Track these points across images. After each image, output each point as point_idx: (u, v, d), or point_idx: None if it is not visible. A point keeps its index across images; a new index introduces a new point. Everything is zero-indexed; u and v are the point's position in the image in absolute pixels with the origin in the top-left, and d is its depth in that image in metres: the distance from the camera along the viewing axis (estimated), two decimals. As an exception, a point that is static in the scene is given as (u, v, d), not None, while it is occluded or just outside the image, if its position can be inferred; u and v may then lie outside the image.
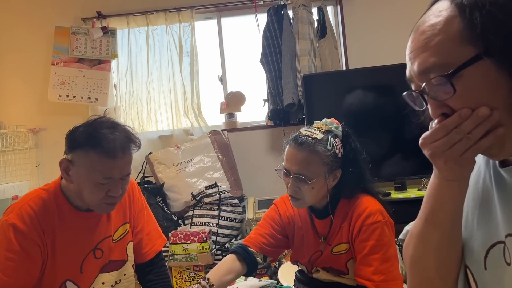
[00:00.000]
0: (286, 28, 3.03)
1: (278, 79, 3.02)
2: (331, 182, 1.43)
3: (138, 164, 3.17)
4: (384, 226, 1.37)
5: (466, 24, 0.62)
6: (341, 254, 1.45)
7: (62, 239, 1.30)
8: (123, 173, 1.28)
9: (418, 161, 2.80)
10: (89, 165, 1.24)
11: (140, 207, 1.51)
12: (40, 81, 3.28)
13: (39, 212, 1.27)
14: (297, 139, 1.41)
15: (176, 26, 3.24)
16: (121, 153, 1.25)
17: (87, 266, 1.34)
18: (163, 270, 1.56)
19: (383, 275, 1.34)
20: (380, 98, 2.83)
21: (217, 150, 3.03)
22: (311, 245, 1.52)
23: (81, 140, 1.25)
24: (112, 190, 1.26)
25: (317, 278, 1.52)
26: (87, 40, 3.20)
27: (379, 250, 1.35)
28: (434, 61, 0.65)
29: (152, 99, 3.28)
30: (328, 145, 1.40)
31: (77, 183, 1.27)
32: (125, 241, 1.44)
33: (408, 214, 2.55)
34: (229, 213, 2.83)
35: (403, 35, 3.23)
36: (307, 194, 1.40)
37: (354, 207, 1.42)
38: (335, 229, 1.47)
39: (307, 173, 1.38)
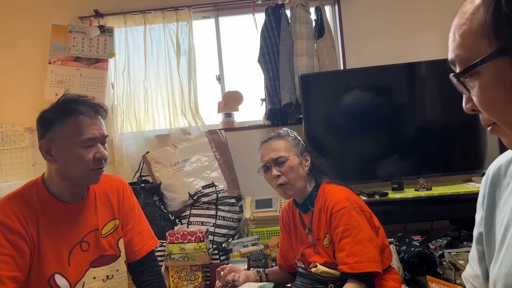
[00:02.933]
0: (284, 27, 3.03)
1: (275, 79, 3.01)
2: (304, 163, 1.64)
3: (136, 163, 3.17)
4: (352, 211, 1.47)
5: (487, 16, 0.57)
6: (329, 247, 1.54)
7: (47, 230, 1.31)
8: (102, 133, 1.34)
9: (416, 161, 2.81)
10: (71, 132, 1.28)
11: (131, 206, 1.53)
12: (37, 80, 3.27)
13: (21, 206, 1.28)
14: (264, 139, 1.70)
15: (173, 25, 3.23)
16: (95, 113, 1.33)
17: (74, 259, 1.34)
18: (156, 270, 1.55)
19: (356, 256, 1.41)
20: (378, 98, 2.83)
21: (214, 150, 3.02)
22: (303, 239, 1.66)
23: (55, 116, 1.30)
24: (98, 151, 1.31)
25: (315, 272, 1.57)
26: (84, 39, 3.18)
27: (349, 234, 1.45)
28: (458, 54, 0.62)
29: (150, 98, 3.27)
30: (290, 134, 1.69)
31: (62, 159, 1.30)
32: (115, 236, 1.45)
33: (405, 214, 2.58)
34: (226, 212, 2.82)
35: (400, 35, 3.26)
36: (289, 173, 1.59)
37: (325, 198, 1.56)
38: (315, 219, 1.59)
39: (282, 153, 1.61)
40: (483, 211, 0.79)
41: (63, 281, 1.31)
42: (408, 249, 2.12)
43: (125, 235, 1.48)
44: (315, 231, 1.59)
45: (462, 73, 0.61)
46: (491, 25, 0.57)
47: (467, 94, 0.64)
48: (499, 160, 0.79)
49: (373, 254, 1.43)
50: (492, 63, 0.57)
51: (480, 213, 0.81)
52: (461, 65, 0.62)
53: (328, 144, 2.85)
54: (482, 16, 0.58)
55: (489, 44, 0.57)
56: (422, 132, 2.81)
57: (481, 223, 0.80)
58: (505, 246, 0.70)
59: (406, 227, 2.84)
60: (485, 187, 0.80)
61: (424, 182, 2.64)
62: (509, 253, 0.69)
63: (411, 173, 2.77)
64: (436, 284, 1.74)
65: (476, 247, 0.82)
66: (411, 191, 2.60)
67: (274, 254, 2.53)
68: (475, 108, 0.64)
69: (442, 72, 2.00)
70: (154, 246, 1.55)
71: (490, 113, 0.62)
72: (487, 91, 0.60)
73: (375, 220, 1.58)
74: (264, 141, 1.68)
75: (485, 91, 0.60)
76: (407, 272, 2.06)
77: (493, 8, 0.56)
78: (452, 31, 0.64)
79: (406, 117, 2.86)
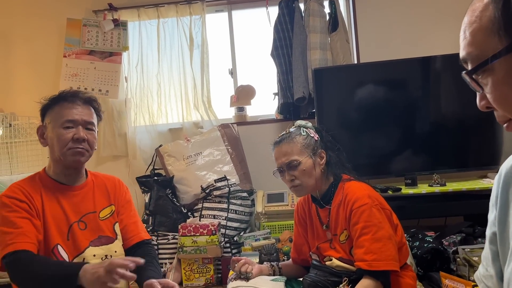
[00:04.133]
0: (297, 21, 3.01)
1: (288, 73, 3.00)
2: (319, 161, 1.60)
3: (148, 157, 3.19)
4: (372, 208, 1.46)
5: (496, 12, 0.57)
6: (346, 243, 1.53)
7: (49, 206, 1.44)
8: (84, 119, 1.46)
9: (430, 157, 2.78)
10: (55, 116, 1.45)
11: (127, 199, 1.64)
12: (52, 73, 3.30)
13: (26, 185, 1.44)
14: (276, 141, 1.65)
15: (187, 19, 3.23)
16: (80, 101, 1.47)
17: (73, 235, 1.45)
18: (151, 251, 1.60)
19: (375, 254, 1.41)
20: (392, 92, 2.80)
21: (226, 144, 3.03)
22: (319, 235, 1.65)
23: (48, 104, 1.48)
24: (77, 133, 1.43)
25: (329, 265, 1.58)
26: (98, 33, 3.21)
27: (368, 231, 1.44)
28: (469, 51, 0.62)
29: (163, 91, 3.28)
30: (302, 133, 1.62)
31: (49, 139, 1.46)
32: (111, 220, 1.56)
33: (419, 210, 2.56)
34: (238, 206, 2.83)
35: (415, 28, 3.22)
36: (302, 177, 1.57)
37: (346, 194, 1.54)
38: (333, 215, 1.58)
39: (293, 157, 1.57)
40: (496, 211, 0.78)
41: (63, 253, 1.42)
42: (421, 245, 2.10)
43: (120, 222, 1.59)
44: (332, 226, 1.59)
45: (474, 71, 0.61)
46: (500, 21, 0.56)
47: (480, 91, 0.63)
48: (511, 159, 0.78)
49: (391, 252, 1.43)
50: (504, 59, 0.57)
51: (493, 212, 0.80)
52: (472, 62, 0.61)
53: (341, 138, 2.80)
54: (491, 13, 0.57)
55: (500, 40, 0.57)
56: (437, 127, 2.78)
57: (494, 223, 0.79)
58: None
59: (419, 223, 2.81)
60: (498, 186, 0.79)
61: (438, 178, 2.61)
62: None
63: (425, 168, 2.74)
64: (450, 280, 1.73)
65: (490, 247, 0.81)
66: (424, 187, 2.58)
67: (286, 248, 2.54)
68: (490, 105, 0.63)
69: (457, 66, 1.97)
70: (148, 237, 1.64)
71: (505, 109, 0.61)
72: (500, 87, 0.59)
73: (394, 218, 1.57)
74: (276, 143, 1.65)
75: (498, 87, 0.60)
76: (420, 268, 2.05)
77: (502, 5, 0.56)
78: (462, 29, 0.63)
79: (420, 112, 2.83)
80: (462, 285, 1.68)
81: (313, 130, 1.67)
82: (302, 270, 1.78)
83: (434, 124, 2.80)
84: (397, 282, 1.52)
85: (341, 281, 1.50)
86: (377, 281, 1.41)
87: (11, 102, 3.36)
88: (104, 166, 3.29)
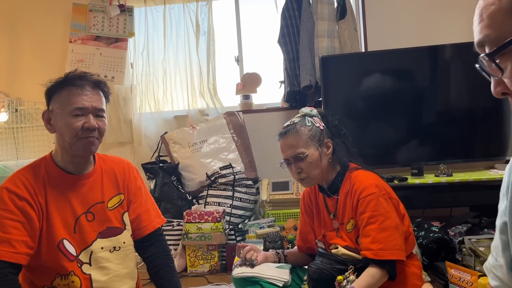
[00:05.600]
0: (305, 8, 2.97)
1: (295, 60, 2.97)
2: (325, 152, 1.58)
3: (154, 143, 3.19)
4: (380, 197, 1.46)
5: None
6: (352, 231, 1.53)
7: (54, 199, 1.38)
8: (94, 105, 1.38)
9: (436, 147, 2.76)
10: (63, 102, 1.36)
11: (138, 185, 1.58)
12: (57, 58, 3.30)
13: (29, 176, 1.37)
14: (281, 132, 1.61)
15: (193, 5, 3.21)
16: (89, 87, 1.39)
17: (80, 228, 1.40)
18: (164, 244, 1.58)
19: (381, 243, 1.41)
20: (399, 81, 2.78)
21: (232, 131, 3.02)
22: (326, 223, 1.65)
23: (55, 88, 1.39)
24: (87, 122, 1.36)
25: (335, 253, 1.58)
26: (104, 18, 3.19)
27: (375, 220, 1.44)
28: (487, 34, 0.60)
29: (168, 78, 3.27)
30: (307, 123, 1.58)
31: (58, 127, 1.38)
32: (120, 210, 1.50)
33: (424, 200, 2.55)
34: (243, 194, 2.84)
35: (424, 16, 3.17)
36: (308, 169, 1.56)
37: (353, 183, 1.53)
38: (340, 205, 1.57)
39: (300, 150, 1.55)
40: (507, 200, 0.77)
41: (70, 247, 1.38)
42: (427, 235, 2.10)
43: (133, 211, 1.53)
44: (339, 216, 1.58)
45: (496, 52, 0.59)
46: None
47: (499, 76, 0.61)
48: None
49: (398, 242, 1.43)
50: None
51: (504, 202, 0.78)
52: (491, 45, 0.60)
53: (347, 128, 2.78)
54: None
55: None
56: (444, 117, 2.75)
57: (505, 213, 0.78)
58: None
59: (424, 213, 2.81)
60: (509, 175, 0.78)
61: (444, 168, 2.59)
62: None
63: (432, 159, 2.73)
64: (456, 270, 1.73)
65: (500, 236, 0.80)
66: (431, 177, 2.57)
67: (290, 236, 2.54)
68: (507, 90, 0.62)
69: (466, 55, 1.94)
70: (161, 224, 1.60)
71: None
72: None
73: (401, 207, 1.56)
74: (281, 134, 1.61)
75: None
76: (425, 257, 2.05)
77: None
78: (477, 13, 0.62)
79: (427, 101, 2.80)
80: (468, 275, 1.68)
81: (319, 118, 1.63)
82: (307, 258, 1.78)
83: (441, 114, 2.78)
84: (403, 271, 1.52)
85: (347, 269, 1.50)
86: (382, 270, 1.41)
87: (17, 88, 3.37)
88: (110, 152, 3.28)
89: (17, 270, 1.29)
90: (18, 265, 1.28)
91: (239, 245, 1.77)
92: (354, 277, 1.46)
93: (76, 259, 1.38)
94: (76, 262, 1.38)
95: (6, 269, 1.25)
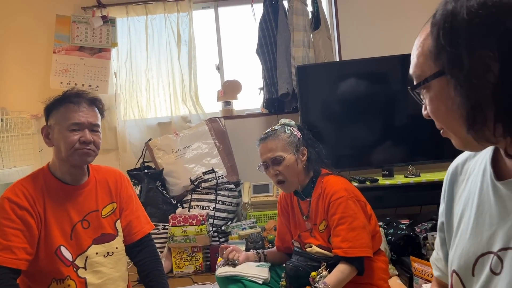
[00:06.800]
0: (281, 19, 3.12)
1: (273, 69, 3.12)
2: (301, 158, 1.72)
3: (138, 150, 3.29)
4: (349, 200, 1.61)
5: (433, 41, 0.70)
6: (324, 232, 1.68)
7: (52, 208, 1.48)
8: (90, 121, 1.49)
9: (407, 149, 2.94)
10: (61, 118, 1.48)
11: (129, 194, 1.68)
12: (42, 69, 3.37)
13: (29, 186, 1.47)
14: (262, 137, 1.76)
15: (174, 16, 3.31)
16: (85, 104, 1.50)
17: (76, 234, 1.50)
18: (153, 249, 1.70)
19: (350, 242, 1.56)
20: (372, 88, 2.94)
21: (214, 137, 3.14)
22: (301, 224, 1.79)
23: (53, 105, 1.50)
24: (83, 136, 1.47)
25: (310, 252, 1.73)
26: (87, 29, 3.27)
27: (345, 221, 1.58)
28: (414, 71, 0.75)
29: (151, 86, 3.37)
30: (286, 131, 1.73)
31: (56, 141, 1.49)
32: (113, 218, 1.61)
33: (395, 199, 2.72)
34: (225, 197, 2.97)
35: (395, 26, 3.34)
36: (286, 172, 1.69)
37: (324, 187, 1.67)
38: (313, 207, 1.72)
39: (278, 153, 1.69)
40: (444, 204, 0.93)
41: (67, 253, 1.48)
42: (395, 232, 2.27)
43: (124, 219, 1.64)
44: (312, 217, 1.73)
45: (415, 87, 0.75)
46: (434, 52, 0.70)
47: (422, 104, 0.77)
48: (457, 160, 0.93)
49: (365, 240, 1.58)
50: (436, 81, 0.71)
51: (442, 205, 0.94)
52: (416, 80, 0.76)
53: (323, 132, 2.97)
54: (429, 42, 0.71)
55: (434, 65, 0.71)
56: (415, 121, 2.91)
57: (442, 214, 0.93)
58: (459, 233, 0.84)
59: (396, 211, 2.99)
60: (446, 183, 0.93)
61: (413, 169, 2.78)
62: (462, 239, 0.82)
63: (403, 160, 2.90)
64: (419, 263, 1.90)
65: (439, 234, 0.96)
66: (400, 178, 2.74)
67: (271, 237, 2.68)
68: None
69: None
70: (150, 229, 1.72)
71: (437, 120, 0.76)
72: (434, 103, 0.73)
73: (368, 208, 1.72)
74: (262, 139, 1.74)
75: (432, 103, 0.74)
76: (393, 253, 2.22)
77: (433, 40, 0.70)
78: (412, 50, 0.77)
79: (399, 106, 2.97)
80: (429, 267, 1.85)
81: (296, 128, 1.78)
82: (285, 256, 1.93)
83: (412, 117, 2.94)
84: (370, 266, 1.67)
85: (320, 266, 1.65)
86: (352, 266, 1.56)
87: (2, 97, 3.41)
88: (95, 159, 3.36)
89: (17, 275, 1.40)
90: (18, 270, 1.39)
91: (221, 247, 1.90)
92: (327, 273, 1.60)
93: (72, 264, 1.49)
94: (72, 267, 1.49)
95: (8, 275, 1.35)
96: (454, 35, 0.66)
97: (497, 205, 0.73)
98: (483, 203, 0.77)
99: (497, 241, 0.72)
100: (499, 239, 0.72)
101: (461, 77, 0.66)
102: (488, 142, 0.71)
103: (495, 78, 0.63)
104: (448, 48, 0.67)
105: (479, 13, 0.63)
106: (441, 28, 0.68)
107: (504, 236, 0.71)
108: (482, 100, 0.65)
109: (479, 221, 0.77)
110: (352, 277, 1.58)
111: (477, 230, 0.77)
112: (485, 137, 0.68)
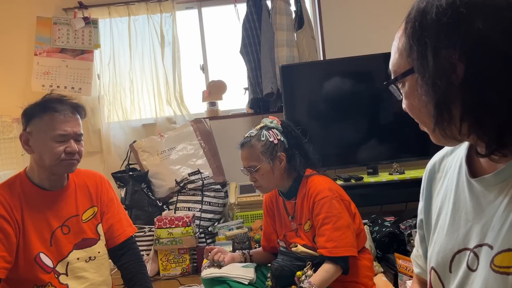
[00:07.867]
0: (265, 19, 3.12)
1: (257, 69, 3.12)
2: (278, 165, 1.71)
3: (123, 152, 3.26)
4: (333, 200, 1.62)
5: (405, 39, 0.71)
6: (309, 231, 1.69)
7: (30, 215, 1.46)
8: (75, 131, 1.48)
9: (392, 146, 2.97)
10: (46, 127, 1.44)
11: (110, 197, 1.67)
12: (23, 72, 3.31)
13: (5, 193, 1.44)
14: (240, 143, 1.77)
15: (157, 17, 3.29)
16: (70, 113, 1.48)
17: (56, 240, 1.49)
18: (136, 252, 1.68)
19: (335, 242, 1.57)
20: (356, 86, 2.96)
21: (199, 138, 3.13)
22: (286, 224, 1.80)
23: (35, 111, 1.46)
24: (69, 147, 1.45)
25: (295, 251, 1.73)
26: (69, 31, 3.23)
27: (329, 221, 1.60)
28: (391, 66, 0.77)
29: (135, 88, 3.35)
30: (262, 137, 1.71)
31: (38, 149, 1.46)
32: (94, 222, 1.59)
33: (380, 196, 2.74)
34: (212, 198, 2.96)
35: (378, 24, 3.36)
36: (261, 180, 1.73)
37: (309, 188, 1.68)
38: (298, 207, 1.73)
39: (252, 163, 1.71)
40: (423, 201, 0.94)
41: (47, 259, 1.46)
42: (380, 229, 2.29)
43: (106, 222, 1.63)
44: (297, 217, 1.74)
45: (391, 82, 0.77)
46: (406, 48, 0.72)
47: (399, 98, 0.78)
48: (434, 158, 0.94)
49: (350, 240, 1.60)
50: (410, 77, 0.72)
51: (421, 203, 0.95)
52: (392, 75, 0.77)
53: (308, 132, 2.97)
54: (404, 41, 0.73)
55: (407, 62, 0.72)
56: (399, 118, 2.94)
57: (421, 211, 0.94)
58: (437, 230, 0.85)
59: (382, 208, 3.01)
60: (424, 181, 0.94)
61: (397, 167, 2.80)
62: (439, 236, 0.83)
63: (387, 157, 2.93)
64: (403, 260, 1.92)
65: (418, 231, 0.97)
66: (385, 175, 2.77)
67: (257, 236, 2.68)
68: None
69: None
70: (133, 232, 1.71)
71: (412, 115, 0.77)
72: (408, 98, 0.75)
73: (353, 207, 1.73)
74: (240, 145, 1.76)
75: (407, 98, 0.75)
76: (379, 250, 2.24)
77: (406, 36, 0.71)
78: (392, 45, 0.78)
79: (383, 104, 2.99)
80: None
81: (277, 130, 1.75)
82: (271, 256, 1.93)
83: (396, 115, 2.97)
84: (355, 264, 1.69)
85: (305, 265, 1.66)
86: (337, 266, 1.57)
87: (-18, 101, 3.36)
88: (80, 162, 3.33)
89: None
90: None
91: (207, 248, 1.90)
92: (312, 272, 1.62)
93: (53, 270, 1.47)
94: (53, 273, 1.47)
95: None
96: (422, 34, 0.67)
97: (472, 201, 0.75)
98: (459, 200, 0.78)
99: (473, 238, 0.73)
100: (474, 235, 0.73)
101: (426, 76, 0.67)
102: (455, 140, 0.72)
103: (460, 78, 0.64)
104: (416, 47, 0.68)
105: (447, 13, 0.64)
106: (411, 27, 0.69)
107: (479, 232, 0.72)
108: (447, 100, 0.66)
109: (455, 218, 0.78)
110: (337, 276, 1.59)
111: (454, 227, 0.78)
112: (452, 135, 0.70)
